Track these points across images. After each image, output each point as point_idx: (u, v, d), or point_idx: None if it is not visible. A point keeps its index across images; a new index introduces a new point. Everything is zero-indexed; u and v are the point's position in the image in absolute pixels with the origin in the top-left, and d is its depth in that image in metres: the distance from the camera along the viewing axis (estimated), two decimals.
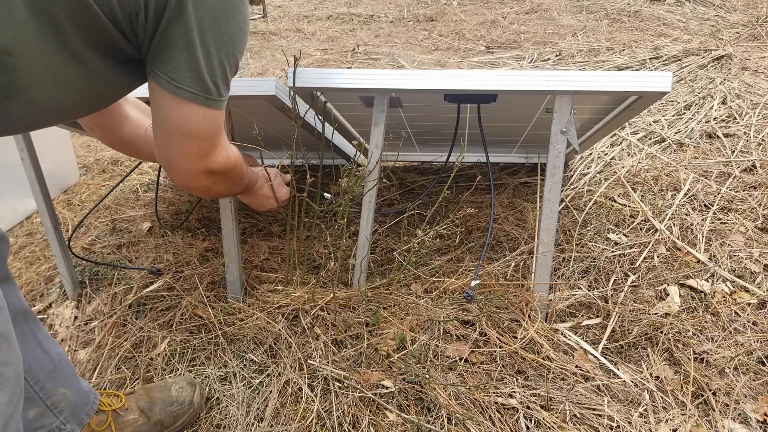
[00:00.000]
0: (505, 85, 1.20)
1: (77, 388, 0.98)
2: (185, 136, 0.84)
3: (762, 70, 2.52)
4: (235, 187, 1.08)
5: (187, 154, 0.86)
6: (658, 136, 2.10)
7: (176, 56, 0.76)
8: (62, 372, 0.96)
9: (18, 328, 0.89)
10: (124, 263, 1.65)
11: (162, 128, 0.84)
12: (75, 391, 0.97)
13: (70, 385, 0.97)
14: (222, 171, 0.93)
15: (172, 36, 0.75)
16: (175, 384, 1.14)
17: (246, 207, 1.93)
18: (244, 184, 1.11)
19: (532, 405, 1.09)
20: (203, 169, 0.90)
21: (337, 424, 1.08)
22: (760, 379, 1.13)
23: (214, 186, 0.96)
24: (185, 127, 0.82)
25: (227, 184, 1.00)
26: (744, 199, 1.68)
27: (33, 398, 0.90)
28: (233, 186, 1.05)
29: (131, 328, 1.38)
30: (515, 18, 4.22)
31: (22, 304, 0.92)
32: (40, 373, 0.91)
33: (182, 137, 0.84)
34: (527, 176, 1.98)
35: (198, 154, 0.87)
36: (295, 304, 1.35)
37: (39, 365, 0.91)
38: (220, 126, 0.88)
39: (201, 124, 0.83)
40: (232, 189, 1.07)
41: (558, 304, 1.34)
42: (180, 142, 0.85)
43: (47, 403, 0.92)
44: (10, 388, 0.69)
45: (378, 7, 4.88)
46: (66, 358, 0.99)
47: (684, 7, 3.93)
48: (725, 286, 1.37)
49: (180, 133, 0.83)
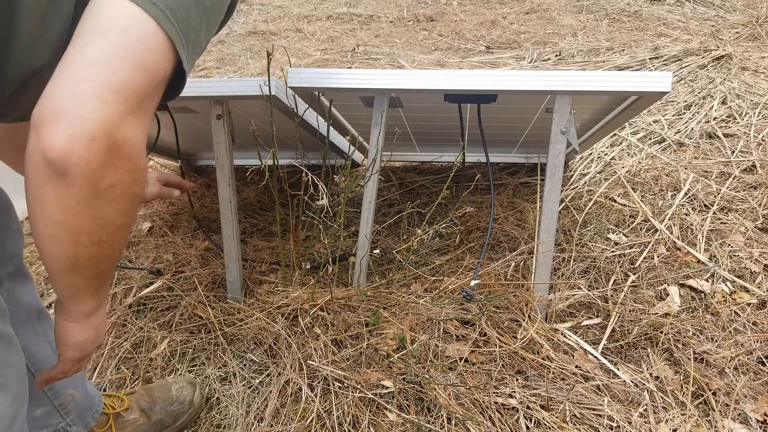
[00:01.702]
0: (505, 85, 1.20)
1: (84, 390, 0.98)
2: (128, 58, 0.54)
3: (762, 70, 2.52)
4: (129, 204, 0.60)
5: (107, 89, 0.52)
6: (658, 136, 2.10)
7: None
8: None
9: (31, 326, 0.89)
10: (124, 263, 1.65)
11: (88, 37, 0.54)
12: (82, 393, 0.97)
13: (78, 386, 0.96)
14: (134, 150, 0.56)
15: None
16: (176, 384, 1.14)
17: (246, 207, 1.94)
18: (130, 223, 0.63)
19: (532, 405, 1.09)
20: (117, 127, 0.53)
21: (337, 424, 1.07)
22: (760, 379, 1.13)
23: (108, 175, 0.54)
24: (133, 46, 0.54)
25: (124, 182, 0.57)
26: (744, 199, 1.68)
27: (40, 397, 0.90)
28: (127, 197, 0.59)
29: (131, 328, 1.38)
30: (515, 18, 4.22)
31: (36, 302, 0.91)
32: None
33: (125, 58, 0.54)
34: (527, 176, 1.98)
35: (123, 101, 0.53)
36: (294, 305, 1.35)
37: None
38: (163, 82, 0.59)
39: (156, 56, 0.56)
40: (123, 200, 0.58)
41: (558, 304, 1.34)
42: (112, 64, 0.53)
43: (55, 404, 0.92)
44: (14, 389, 0.69)
45: (378, 7, 4.88)
46: None
47: (684, 7, 3.93)
48: (725, 286, 1.37)
49: (123, 47, 0.54)
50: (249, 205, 1.96)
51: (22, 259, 0.90)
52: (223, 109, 1.29)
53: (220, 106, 1.29)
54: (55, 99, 0.52)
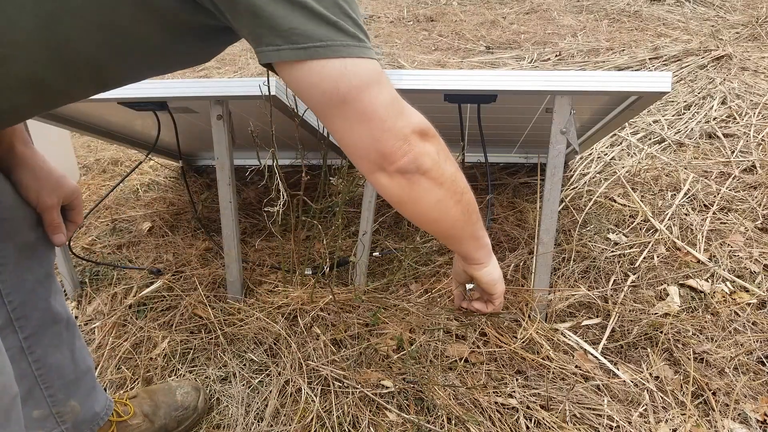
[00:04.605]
0: (505, 85, 1.20)
1: (90, 405, 0.97)
2: (355, 100, 0.64)
3: (762, 70, 2.52)
4: (452, 193, 0.77)
5: (376, 121, 0.65)
6: (658, 136, 2.10)
7: (274, 14, 0.59)
8: (82, 385, 0.95)
9: (57, 334, 0.89)
10: (124, 263, 1.65)
11: (332, 113, 0.65)
12: (87, 407, 0.96)
13: (85, 400, 0.96)
14: (429, 129, 0.71)
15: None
16: (180, 388, 1.13)
17: (246, 207, 1.94)
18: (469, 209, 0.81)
19: (532, 405, 1.09)
20: (408, 129, 0.67)
21: (337, 424, 1.08)
22: (760, 379, 1.13)
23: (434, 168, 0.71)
24: (344, 92, 0.63)
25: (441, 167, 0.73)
26: (744, 199, 1.68)
27: (40, 400, 0.90)
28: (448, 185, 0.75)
29: (131, 328, 1.38)
30: (515, 18, 4.22)
31: (65, 311, 0.92)
32: (56, 382, 0.91)
33: (353, 102, 0.64)
34: (527, 176, 1.98)
35: (383, 114, 0.65)
36: (294, 305, 1.35)
37: (60, 373, 0.91)
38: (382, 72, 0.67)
39: (354, 76, 0.63)
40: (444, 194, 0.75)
41: (558, 304, 1.34)
42: (352, 112, 0.64)
43: (52, 410, 0.91)
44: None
45: (378, 7, 4.88)
46: (92, 372, 0.98)
47: (684, 7, 3.93)
48: (725, 286, 1.37)
49: (348, 99, 0.64)
50: (249, 205, 1.96)
51: (53, 262, 0.90)
52: (223, 110, 1.29)
53: (220, 106, 1.29)
54: (372, 150, 0.69)
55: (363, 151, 0.68)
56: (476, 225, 0.84)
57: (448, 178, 0.74)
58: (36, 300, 0.85)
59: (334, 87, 0.63)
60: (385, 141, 0.67)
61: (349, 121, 0.66)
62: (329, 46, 0.61)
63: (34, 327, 0.86)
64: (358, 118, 0.65)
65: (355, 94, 0.64)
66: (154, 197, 2.06)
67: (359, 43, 0.63)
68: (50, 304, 0.88)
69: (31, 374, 0.87)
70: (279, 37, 0.60)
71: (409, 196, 0.73)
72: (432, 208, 0.76)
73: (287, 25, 0.59)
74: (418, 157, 0.70)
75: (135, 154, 2.45)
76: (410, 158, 0.69)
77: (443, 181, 0.74)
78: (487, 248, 0.89)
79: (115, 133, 1.85)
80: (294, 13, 0.59)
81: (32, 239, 0.84)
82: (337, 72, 0.62)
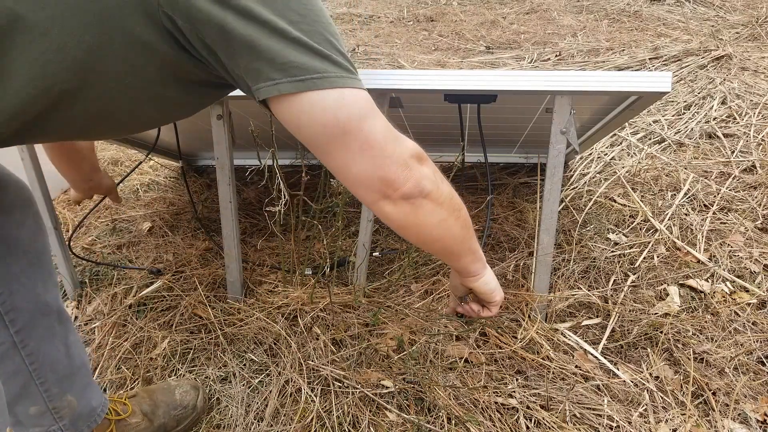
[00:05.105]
0: (505, 85, 1.20)
1: (87, 400, 0.97)
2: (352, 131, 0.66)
3: (762, 70, 2.52)
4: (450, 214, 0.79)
5: (373, 148, 0.67)
6: (658, 136, 2.10)
7: (270, 48, 0.61)
8: (77, 380, 0.95)
9: (46, 325, 0.89)
10: (125, 263, 1.65)
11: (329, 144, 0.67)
12: (83, 402, 0.96)
13: (81, 394, 0.96)
14: (422, 152, 0.73)
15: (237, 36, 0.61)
16: (179, 387, 1.13)
17: (246, 207, 1.94)
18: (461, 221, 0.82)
19: (532, 405, 1.09)
20: (407, 154, 0.69)
21: (337, 424, 1.08)
22: (760, 379, 1.13)
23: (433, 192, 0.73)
24: (344, 122, 0.65)
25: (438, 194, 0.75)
26: (744, 199, 1.68)
27: (35, 396, 0.90)
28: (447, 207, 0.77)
29: (131, 328, 1.38)
30: (515, 18, 4.22)
31: (58, 304, 0.92)
32: (50, 376, 0.91)
33: (348, 134, 0.65)
34: (527, 176, 1.98)
35: (382, 141, 0.67)
36: (294, 304, 1.35)
37: (54, 368, 0.91)
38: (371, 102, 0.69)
39: (352, 106, 0.66)
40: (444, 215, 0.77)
41: (558, 304, 1.34)
42: (354, 142, 0.66)
43: (49, 406, 0.92)
44: None
45: (378, 7, 4.88)
46: (87, 366, 0.99)
47: (684, 7, 3.93)
48: (725, 286, 1.37)
49: (344, 131, 0.65)
50: (249, 205, 1.96)
51: (44, 254, 0.89)
52: (223, 110, 1.29)
53: (220, 106, 1.29)
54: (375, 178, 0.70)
55: (367, 180, 0.69)
56: (473, 239, 0.87)
57: (446, 196, 0.76)
58: (24, 291, 0.85)
59: (334, 117, 0.64)
60: (387, 168, 0.68)
61: (351, 152, 0.67)
62: (326, 77, 0.63)
63: (25, 320, 0.85)
64: (360, 147, 0.66)
65: (355, 123, 0.65)
66: (154, 197, 2.06)
67: (351, 75, 0.65)
68: (38, 294, 0.87)
69: (26, 369, 0.87)
70: (277, 71, 0.62)
71: (414, 220, 0.75)
72: (435, 228, 0.77)
73: (284, 58, 0.61)
74: (420, 181, 0.71)
75: (135, 154, 2.45)
76: (413, 183, 0.70)
77: (443, 200, 0.76)
78: (482, 260, 0.92)
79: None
80: (289, 47, 0.62)
81: (12, 230, 0.84)
82: (335, 102, 0.64)
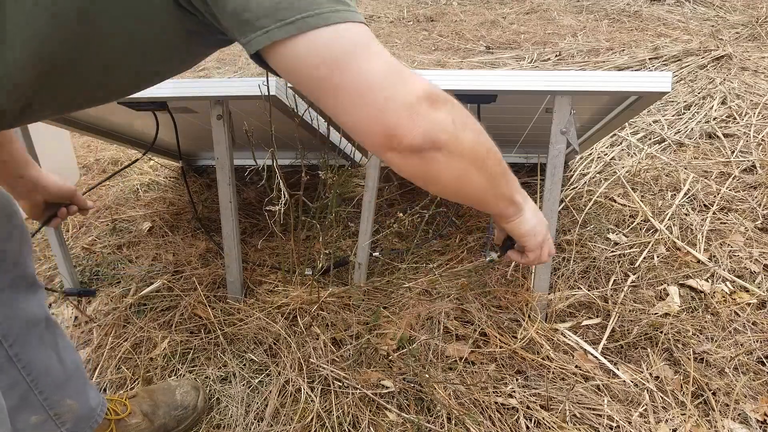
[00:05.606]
0: (505, 85, 1.20)
1: (85, 401, 0.97)
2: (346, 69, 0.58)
3: (762, 70, 2.52)
4: (480, 145, 0.68)
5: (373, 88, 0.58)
6: (658, 136, 2.10)
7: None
8: (73, 383, 0.95)
9: (36, 336, 0.89)
10: (125, 263, 1.65)
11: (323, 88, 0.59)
12: (83, 403, 0.96)
13: (79, 396, 0.96)
14: (440, 95, 0.62)
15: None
16: (180, 388, 1.13)
17: (246, 207, 1.94)
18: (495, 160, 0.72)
19: (532, 405, 1.09)
20: (413, 97, 0.59)
21: (337, 423, 1.08)
22: (760, 379, 1.13)
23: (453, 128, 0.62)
24: (335, 60, 0.57)
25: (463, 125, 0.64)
26: (744, 199, 1.68)
27: (36, 406, 0.90)
28: (477, 136, 0.67)
29: (131, 328, 1.38)
30: (515, 18, 4.22)
31: (43, 311, 0.92)
32: (47, 384, 0.91)
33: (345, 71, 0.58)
34: (527, 176, 1.98)
35: (381, 81, 0.58)
36: (294, 304, 1.35)
37: (49, 375, 0.91)
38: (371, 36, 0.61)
39: (346, 42, 0.58)
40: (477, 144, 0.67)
41: (558, 304, 1.34)
42: (349, 84, 0.58)
43: (50, 413, 0.91)
44: None
45: (378, 7, 4.88)
46: (81, 368, 0.98)
47: (684, 7, 3.93)
48: (725, 286, 1.37)
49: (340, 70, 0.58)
50: (249, 205, 1.96)
51: (29, 267, 0.90)
52: (223, 110, 1.29)
53: (220, 106, 1.29)
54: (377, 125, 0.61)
55: (366, 129, 0.61)
56: (502, 185, 0.77)
57: (467, 147, 0.65)
58: (14, 304, 0.85)
59: (328, 56, 0.57)
60: (388, 114, 0.59)
61: (349, 94, 0.59)
62: (318, 14, 0.56)
63: (17, 333, 0.86)
64: (357, 87, 0.59)
65: (350, 58, 0.58)
66: (154, 197, 2.06)
67: (347, 7, 0.58)
68: (27, 305, 0.87)
69: (23, 381, 0.87)
70: (266, 17, 0.55)
71: (426, 175, 0.65)
72: (453, 182, 0.68)
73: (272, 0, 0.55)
74: (430, 131, 0.61)
75: (135, 154, 2.44)
76: (420, 133, 0.60)
77: (462, 152, 0.65)
78: (516, 204, 0.82)
79: (115, 133, 1.84)
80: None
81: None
82: (329, 39, 0.57)
